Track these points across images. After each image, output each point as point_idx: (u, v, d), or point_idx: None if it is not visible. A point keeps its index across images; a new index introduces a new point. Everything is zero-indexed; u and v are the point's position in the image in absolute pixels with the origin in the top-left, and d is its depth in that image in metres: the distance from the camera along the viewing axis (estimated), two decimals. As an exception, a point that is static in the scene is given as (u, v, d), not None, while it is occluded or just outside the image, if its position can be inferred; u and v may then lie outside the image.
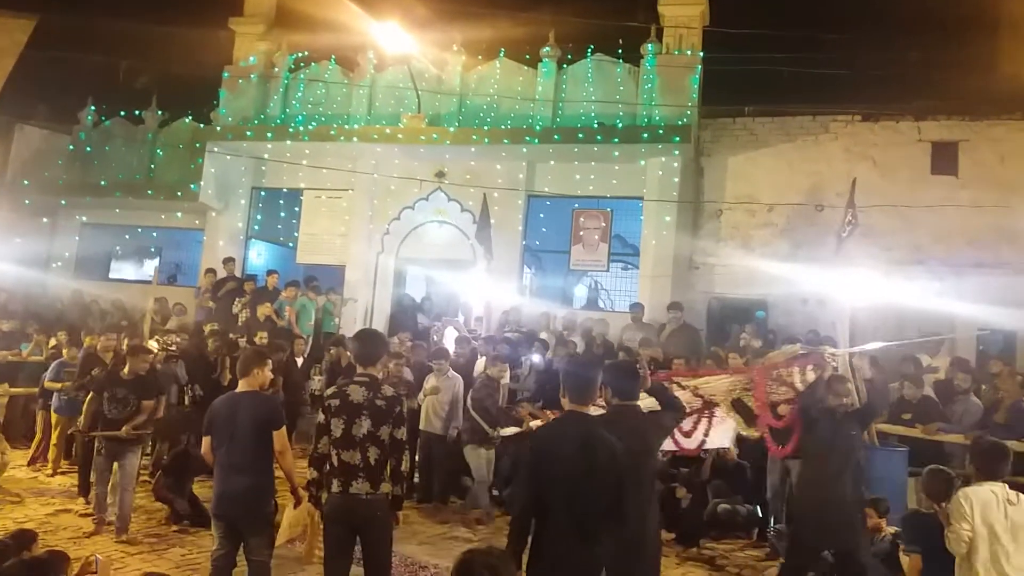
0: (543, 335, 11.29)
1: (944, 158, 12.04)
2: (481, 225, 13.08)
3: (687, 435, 6.05)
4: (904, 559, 5.69)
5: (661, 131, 12.35)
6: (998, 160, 11.81)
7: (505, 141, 13.03)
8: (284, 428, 5.13)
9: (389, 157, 14.00)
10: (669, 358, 9.93)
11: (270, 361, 5.46)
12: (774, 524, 7.59)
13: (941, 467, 5.34)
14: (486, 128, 13.19)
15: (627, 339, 11.23)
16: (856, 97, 12.47)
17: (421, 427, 8.67)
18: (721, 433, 6.21)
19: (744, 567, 7.07)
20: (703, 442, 6.14)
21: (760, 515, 7.80)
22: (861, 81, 12.45)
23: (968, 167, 11.95)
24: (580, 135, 12.64)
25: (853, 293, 8.75)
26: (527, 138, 12.91)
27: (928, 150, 12.16)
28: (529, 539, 3.78)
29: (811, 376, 6.02)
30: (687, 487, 7.83)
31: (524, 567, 3.73)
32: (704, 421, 6.08)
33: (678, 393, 5.61)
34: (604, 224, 13.61)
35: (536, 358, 10.07)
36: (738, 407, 6.04)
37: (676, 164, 12.68)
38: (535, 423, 7.03)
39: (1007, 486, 4.36)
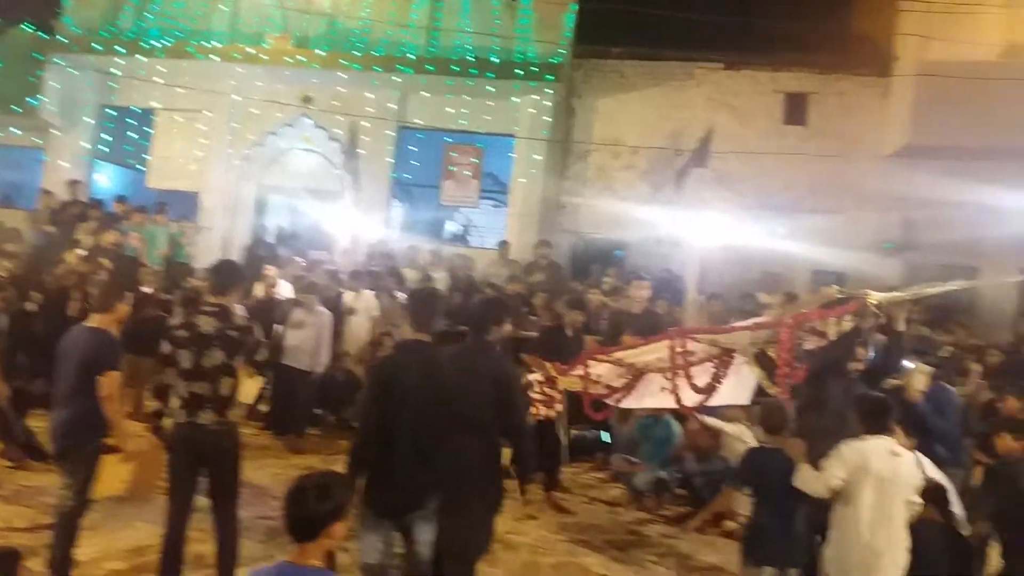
0: (408, 270, 11.27)
1: (795, 109, 12.73)
2: (349, 155, 12.78)
3: (702, 391, 5.52)
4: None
5: (535, 69, 12.38)
6: (842, 113, 12.60)
7: (376, 68, 12.69)
8: (113, 372, 4.73)
9: (251, 78, 13.32)
10: (533, 294, 10.20)
11: (129, 294, 5.23)
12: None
13: (775, 399, 5.15)
14: (357, 54, 12.77)
15: (493, 275, 11.40)
16: (721, 46, 12.88)
17: (284, 361, 8.53)
18: (736, 387, 5.55)
19: (589, 489, 7.52)
20: (707, 398, 5.57)
21: (606, 440, 8.23)
22: (726, 30, 12.86)
23: (816, 118, 12.69)
24: (454, 68, 12.46)
25: (705, 235, 9.27)
26: (399, 67, 12.62)
27: (781, 100, 12.82)
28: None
29: (846, 326, 5.12)
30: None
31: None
32: (719, 373, 5.52)
33: (693, 345, 5.36)
34: (476, 160, 13.60)
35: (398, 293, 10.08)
36: (762, 360, 5.28)
37: (548, 103, 12.78)
38: None
39: (894, 440, 4.40)
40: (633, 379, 6.05)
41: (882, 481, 4.25)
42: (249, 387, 6.66)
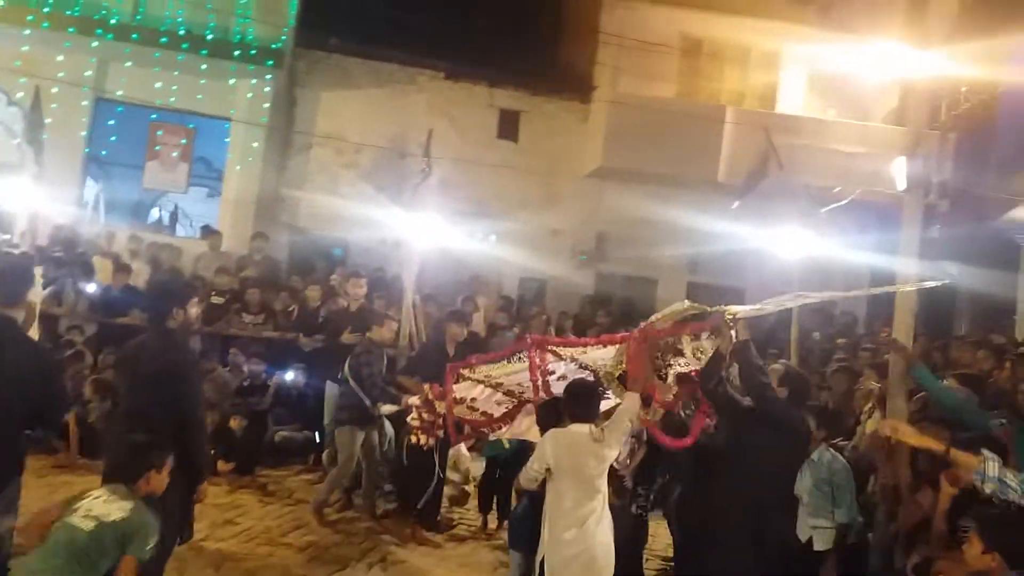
0: (97, 258, 10.23)
1: (508, 124, 13.63)
2: (32, 124, 11.24)
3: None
4: None
5: (254, 52, 11.89)
6: (549, 133, 13.72)
7: (70, 30, 11.35)
8: None
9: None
10: (245, 289, 9.82)
11: None
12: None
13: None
14: (46, 11, 11.31)
15: (201, 268, 10.77)
16: (442, 55, 13.36)
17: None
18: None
19: (296, 490, 7.44)
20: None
21: (317, 441, 8.20)
22: (447, 41, 13.39)
23: (526, 135, 13.69)
24: (163, 39, 11.55)
25: (423, 238, 9.56)
26: (99, 31, 11.41)
27: (496, 115, 13.64)
28: None
29: (707, 346, 4.54)
30: (246, 416, 7.89)
31: None
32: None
33: (555, 364, 4.89)
34: (186, 141, 12.73)
35: (86, 283, 9.15)
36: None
37: (268, 89, 12.36)
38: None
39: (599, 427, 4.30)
40: (514, 408, 5.27)
41: (584, 469, 4.18)
42: None
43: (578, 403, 4.39)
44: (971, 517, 3.34)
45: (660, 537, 6.17)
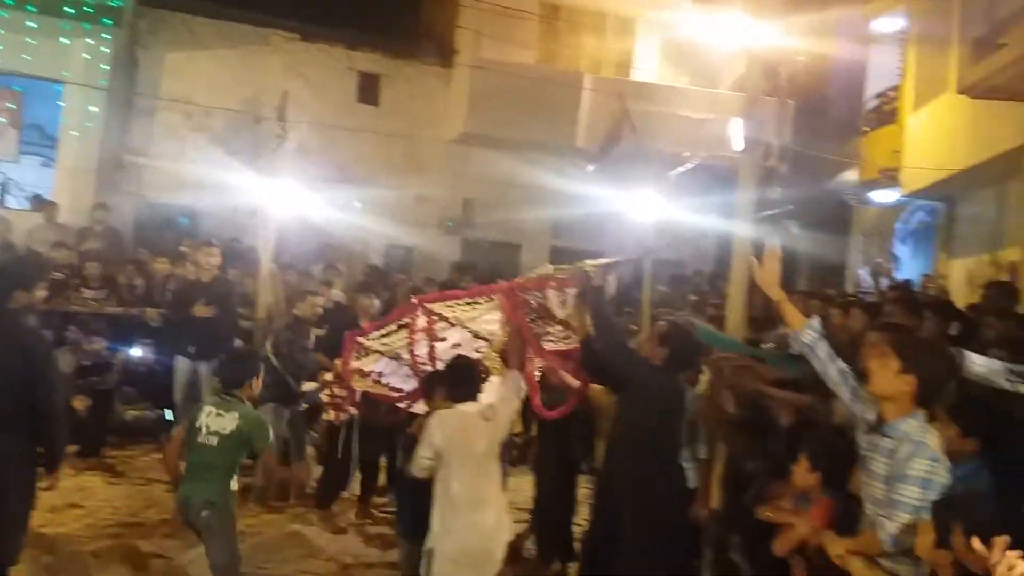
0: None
1: (368, 88, 13.32)
2: None
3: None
4: None
5: (90, 9, 11.04)
6: (411, 97, 13.54)
7: None
8: None
9: None
10: (85, 263, 9.21)
11: None
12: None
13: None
14: None
15: (37, 241, 9.99)
16: (296, 14, 12.88)
17: None
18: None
19: (148, 469, 7.15)
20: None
21: (168, 419, 7.88)
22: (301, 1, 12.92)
23: (388, 99, 13.44)
24: (-18, -7, 10.53)
25: (282, 205, 9.26)
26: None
27: (356, 79, 13.29)
28: None
29: (555, 305, 4.40)
30: (90, 396, 7.47)
31: None
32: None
33: (449, 332, 4.55)
34: (14, 106, 11.73)
35: None
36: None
37: (107, 49, 11.49)
38: None
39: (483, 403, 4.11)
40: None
41: (472, 449, 3.94)
42: None
43: (460, 381, 4.10)
44: (803, 441, 3.61)
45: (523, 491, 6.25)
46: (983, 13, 8.94)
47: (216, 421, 4.09)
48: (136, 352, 8.15)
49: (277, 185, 9.08)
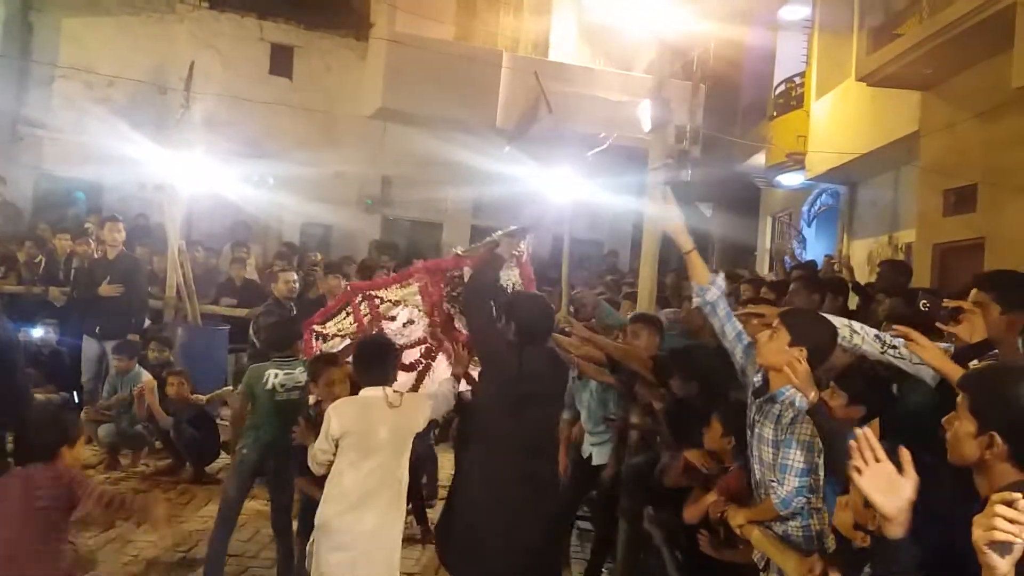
0: None
1: (281, 60, 12.98)
2: None
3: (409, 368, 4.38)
4: None
5: (-23, -31, 10.38)
6: (326, 69, 13.26)
7: None
8: None
9: None
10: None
11: None
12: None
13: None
14: None
15: (-77, 215, 9.43)
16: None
17: None
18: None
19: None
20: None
21: (76, 402, 7.59)
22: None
23: (301, 72, 13.13)
24: None
25: (190, 180, 8.97)
26: None
27: (268, 50, 12.92)
28: None
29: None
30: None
31: None
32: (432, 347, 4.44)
33: (396, 310, 4.28)
34: None
35: None
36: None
37: (-2, 14, 10.86)
38: None
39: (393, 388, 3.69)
40: None
41: (370, 439, 3.53)
42: None
43: (365, 364, 3.70)
44: (715, 406, 3.73)
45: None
46: (881, 3, 9.38)
47: (288, 378, 4.48)
48: (39, 333, 7.79)
49: (185, 159, 8.81)
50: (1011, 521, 1.52)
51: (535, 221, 5.06)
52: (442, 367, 4.41)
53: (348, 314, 4.55)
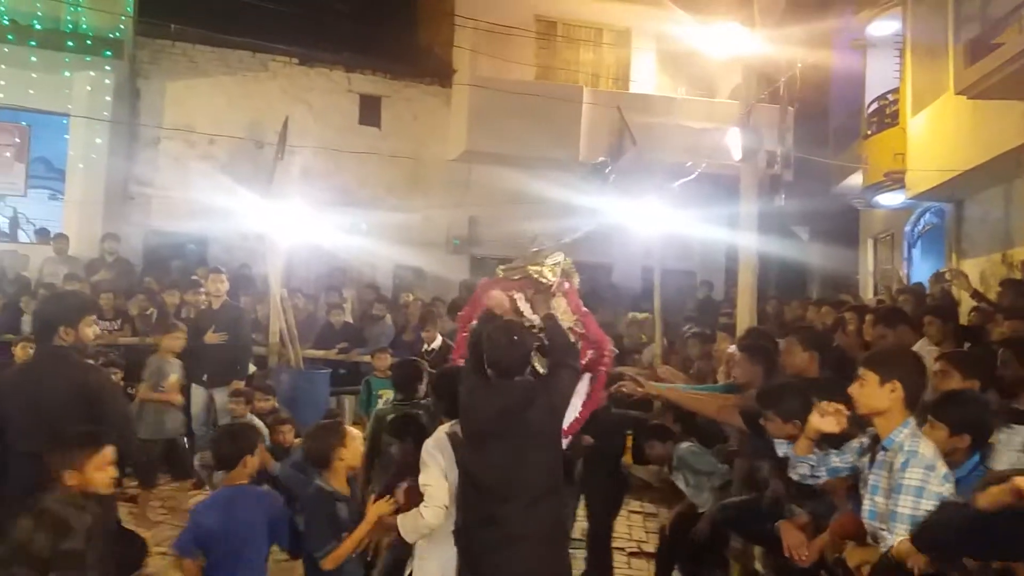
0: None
1: (370, 110, 13.42)
2: None
3: None
4: None
5: (90, 42, 11.17)
6: (412, 117, 13.63)
7: None
8: None
9: None
10: (98, 294, 9.26)
11: None
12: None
13: None
14: None
15: (48, 274, 10.07)
16: (294, 39, 13.00)
17: None
18: None
19: (168, 499, 7.11)
20: None
21: (187, 447, 7.85)
22: (298, 25, 13.03)
23: (389, 120, 13.53)
24: (-14, 31, 10.68)
25: (289, 230, 9.31)
26: (-94, 24, 10.41)
27: (356, 101, 13.39)
28: None
29: (525, 308, 3.91)
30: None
31: None
32: None
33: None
34: (20, 140, 11.84)
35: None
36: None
37: (108, 81, 11.64)
38: None
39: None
40: None
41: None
42: None
43: (441, 394, 3.74)
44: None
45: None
46: (977, 14, 8.99)
47: None
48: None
49: (283, 210, 9.14)
50: None
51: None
52: None
53: None
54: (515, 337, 3.43)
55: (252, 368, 8.51)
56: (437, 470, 3.44)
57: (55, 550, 3.04)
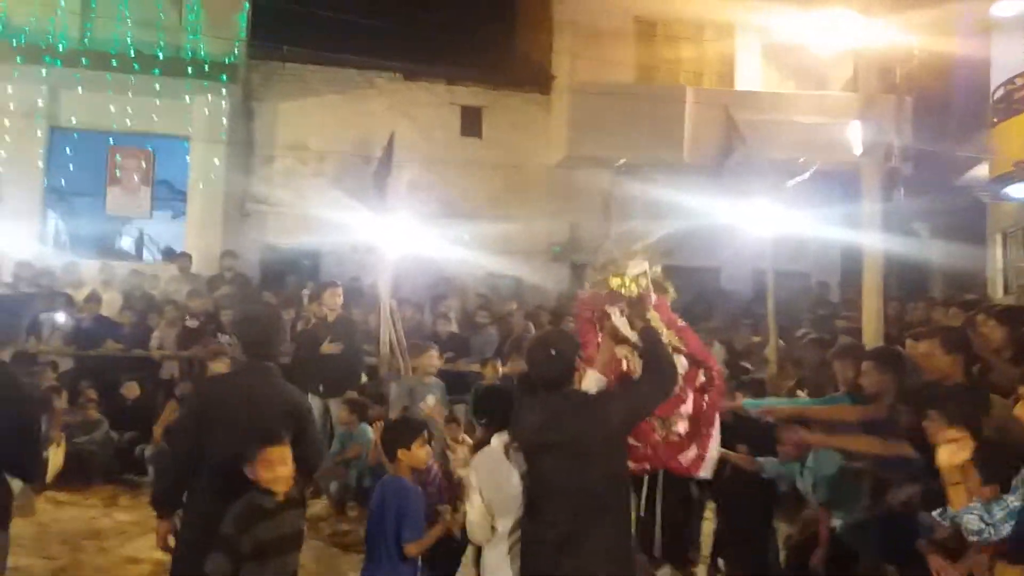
0: (71, 291, 10.07)
1: (471, 121, 13.55)
2: (-15, 160, 11.07)
3: None
4: None
5: (207, 67, 11.75)
6: (512, 126, 13.67)
7: (19, 60, 11.14)
8: None
9: None
10: (219, 310, 9.70)
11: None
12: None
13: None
14: (-9, 42, 11.11)
15: (173, 292, 10.63)
16: (397, 55, 13.28)
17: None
18: None
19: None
20: None
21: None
22: (401, 41, 13.30)
23: (489, 131, 13.62)
24: (114, 62, 11.37)
25: (396, 242, 9.50)
26: (47, 58, 11.21)
27: (458, 113, 13.55)
28: None
29: (622, 324, 3.66)
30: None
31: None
32: None
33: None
34: (145, 165, 12.54)
35: (61, 317, 9.02)
36: None
37: (225, 104, 12.21)
38: None
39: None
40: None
41: (504, 491, 3.46)
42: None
43: (486, 410, 3.91)
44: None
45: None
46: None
47: None
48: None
49: (391, 223, 9.34)
50: None
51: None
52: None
53: None
54: (553, 351, 3.38)
55: (364, 378, 8.73)
56: (474, 493, 3.53)
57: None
